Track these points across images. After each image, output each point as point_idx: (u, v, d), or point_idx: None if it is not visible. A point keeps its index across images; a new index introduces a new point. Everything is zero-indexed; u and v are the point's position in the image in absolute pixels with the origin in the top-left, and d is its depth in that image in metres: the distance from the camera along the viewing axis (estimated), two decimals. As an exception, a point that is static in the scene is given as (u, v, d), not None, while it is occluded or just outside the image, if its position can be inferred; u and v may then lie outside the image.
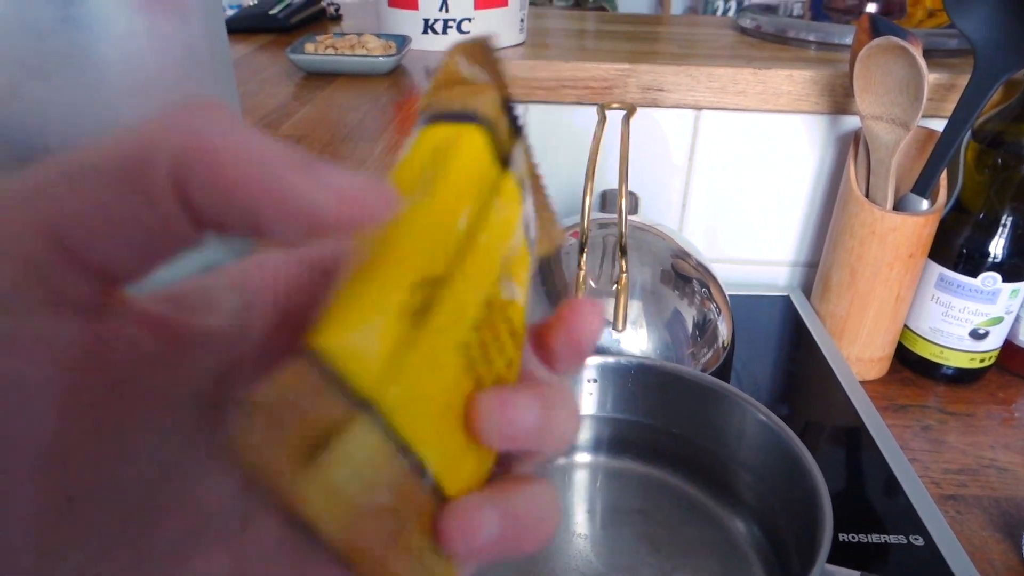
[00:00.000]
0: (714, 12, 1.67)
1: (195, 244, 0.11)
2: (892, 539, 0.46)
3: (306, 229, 0.11)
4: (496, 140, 0.14)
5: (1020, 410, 0.61)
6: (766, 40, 0.73)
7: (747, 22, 0.76)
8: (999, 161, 0.55)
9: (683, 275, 0.53)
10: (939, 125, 0.56)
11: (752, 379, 0.61)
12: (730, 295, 0.56)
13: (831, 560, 0.34)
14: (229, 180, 0.10)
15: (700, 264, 0.55)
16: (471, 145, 0.14)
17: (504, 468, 0.15)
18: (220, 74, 0.26)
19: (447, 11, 0.63)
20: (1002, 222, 0.57)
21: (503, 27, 0.66)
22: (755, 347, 0.64)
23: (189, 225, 0.11)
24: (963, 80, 0.55)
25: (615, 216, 0.50)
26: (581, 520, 0.43)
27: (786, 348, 0.65)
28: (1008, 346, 0.62)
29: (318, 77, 0.58)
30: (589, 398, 0.45)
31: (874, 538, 0.46)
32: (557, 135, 0.66)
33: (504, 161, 0.14)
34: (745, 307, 0.68)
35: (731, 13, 0.83)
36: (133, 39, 0.22)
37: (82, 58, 0.22)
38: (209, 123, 0.11)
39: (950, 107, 0.55)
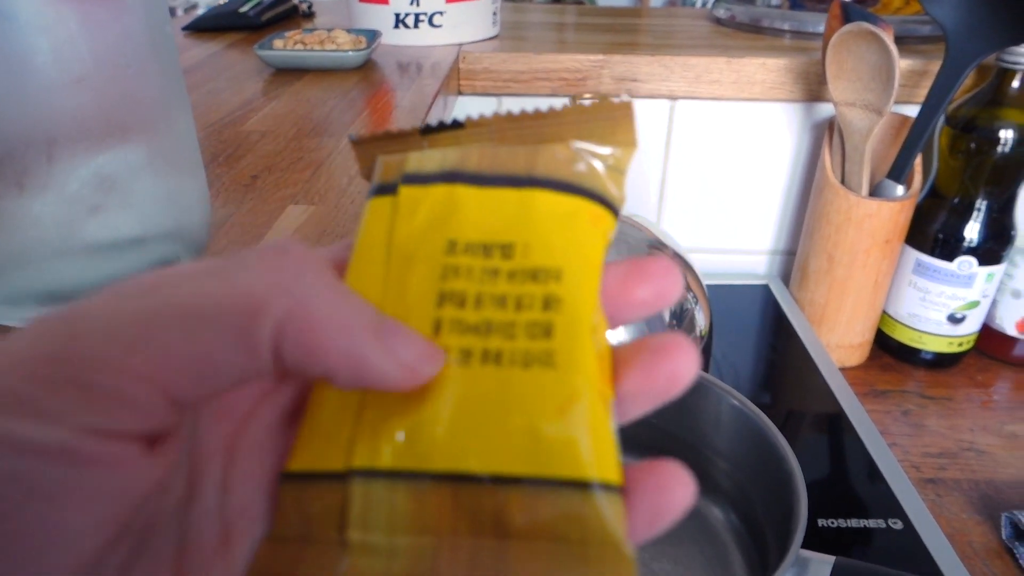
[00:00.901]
0: (692, 5, 1.67)
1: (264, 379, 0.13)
2: (872, 523, 0.46)
3: (366, 387, 0.13)
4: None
5: (998, 393, 0.61)
6: (741, 30, 0.73)
7: (722, 12, 0.76)
8: (973, 146, 0.56)
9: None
10: (913, 111, 0.57)
11: (732, 368, 0.61)
12: (708, 284, 0.56)
13: (811, 545, 0.34)
14: (320, 347, 0.12)
15: (677, 254, 0.55)
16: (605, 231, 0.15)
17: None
18: (163, 64, 0.25)
19: (418, 5, 0.63)
20: (977, 206, 0.57)
21: (474, 21, 0.66)
22: (735, 336, 0.64)
23: (272, 371, 0.12)
24: (935, 66, 0.55)
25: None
26: (560, 513, 0.43)
27: (766, 337, 0.65)
28: (986, 330, 0.63)
29: (287, 73, 0.57)
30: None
31: (854, 523, 0.46)
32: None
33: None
34: (724, 297, 0.68)
35: (709, 5, 0.83)
36: (63, 28, 0.21)
37: (9, 49, 0.21)
38: (312, 290, 0.12)
39: (923, 93, 0.55)
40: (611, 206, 0.15)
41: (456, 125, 0.16)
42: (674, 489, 0.13)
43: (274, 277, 0.12)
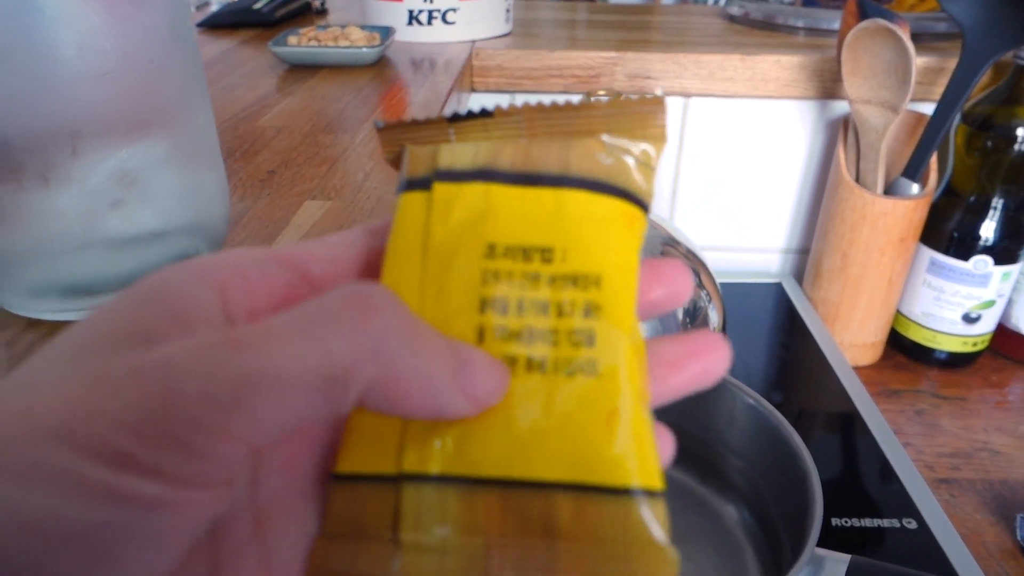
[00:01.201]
0: (704, 2, 1.66)
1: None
2: (886, 523, 0.45)
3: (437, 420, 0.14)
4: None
5: (1013, 393, 0.60)
6: (755, 27, 0.73)
7: (735, 9, 0.75)
8: (989, 144, 0.55)
9: (673, 263, 0.53)
10: (929, 109, 0.56)
11: (745, 367, 0.61)
12: (722, 283, 0.56)
13: (824, 545, 0.34)
14: (402, 403, 0.13)
15: (690, 251, 0.55)
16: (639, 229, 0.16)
17: None
18: (184, 59, 0.26)
19: (432, 2, 0.63)
20: (993, 205, 0.57)
21: (488, 18, 0.66)
22: (748, 335, 0.64)
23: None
24: (952, 63, 0.55)
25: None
26: (572, 509, 0.43)
27: (779, 335, 0.65)
28: (1000, 330, 0.62)
29: (301, 70, 0.57)
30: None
31: (868, 522, 0.45)
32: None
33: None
34: (737, 295, 0.68)
35: (722, 3, 0.83)
36: (88, 21, 0.21)
37: (36, 41, 0.21)
38: (398, 353, 0.12)
39: (939, 90, 0.55)
40: (643, 204, 0.16)
41: (484, 114, 0.16)
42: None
43: (363, 342, 0.12)
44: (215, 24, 0.71)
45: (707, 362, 0.15)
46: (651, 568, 0.13)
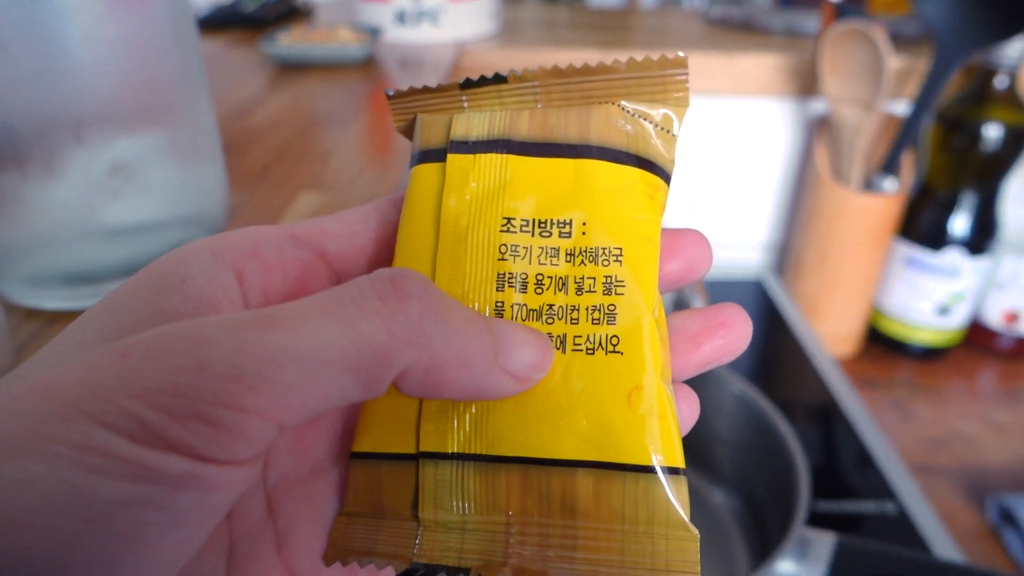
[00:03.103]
0: (679, 3, 1.68)
1: None
2: (866, 508, 0.47)
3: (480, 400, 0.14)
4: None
5: (985, 383, 0.63)
6: (734, 29, 0.75)
7: (716, 12, 0.77)
8: (960, 142, 0.57)
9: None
10: (904, 107, 0.58)
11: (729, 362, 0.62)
12: (705, 281, 0.57)
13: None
14: (441, 387, 0.13)
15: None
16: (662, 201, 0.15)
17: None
18: (185, 50, 0.26)
19: (420, 2, 0.63)
20: (965, 201, 0.59)
21: (476, 18, 0.66)
22: (731, 329, 0.65)
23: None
24: (926, 64, 0.57)
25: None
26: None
27: (760, 329, 0.67)
28: (972, 322, 0.64)
29: (291, 70, 0.57)
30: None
31: (849, 507, 0.47)
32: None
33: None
34: (719, 292, 0.69)
35: (696, 3, 0.85)
36: (92, 10, 0.22)
37: (41, 30, 0.21)
38: (434, 338, 0.12)
39: (913, 90, 0.57)
40: (665, 173, 0.15)
41: (498, 79, 0.15)
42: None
43: (397, 328, 0.12)
44: (204, 25, 0.71)
45: (730, 336, 0.15)
46: (674, 546, 0.13)
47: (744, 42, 0.69)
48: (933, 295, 0.61)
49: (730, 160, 0.70)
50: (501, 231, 0.15)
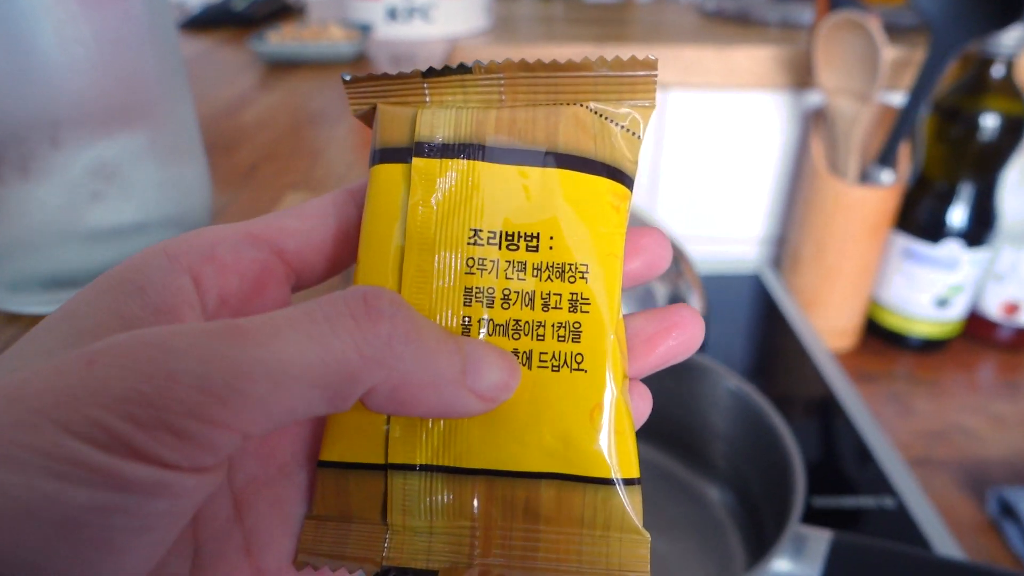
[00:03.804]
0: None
1: None
2: (864, 502, 0.47)
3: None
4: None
5: (984, 375, 0.62)
6: (729, 22, 0.74)
7: (711, 5, 0.77)
8: (957, 132, 0.57)
9: (653, 253, 0.54)
10: (900, 99, 0.58)
11: (725, 357, 0.62)
12: (702, 275, 0.57)
13: (805, 524, 0.35)
14: (408, 407, 0.13)
15: (671, 243, 0.56)
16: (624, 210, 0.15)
17: None
18: (163, 49, 0.26)
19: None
20: (962, 192, 0.58)
21: (467, 13, 0.66)
22: (728, 325, 0.65)
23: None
24: (922, 54, 0.56)
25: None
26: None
27: (757, 323, 0.66)
28: (971, 314, 0.64)
29: (281, 68, 0.57)
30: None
31: (847, 502, 0.47)
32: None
33: None
34: (717, 287, 0.69)
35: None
36: (65, 8, 0.21)
37: (12, 29, 0.21)
38: (404, 359, 0.12)
39: (909, 81, 0.56)
40: (629, 180, 0.15)
41: (463, 69, 0.15)
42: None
43: (367, 348, 0.12)
44: (193, 24, 0.70)
45: (683, 336, 0.15)
46: (627, 548, 0.14)
47: (739, 35, 0.68)
48: (932, 287, 0.61)
49: (726, 154, 0.70)
50: (469, 243, 0.15)
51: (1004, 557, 0.45)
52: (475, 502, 0.14)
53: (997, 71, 0.55)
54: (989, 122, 0.55)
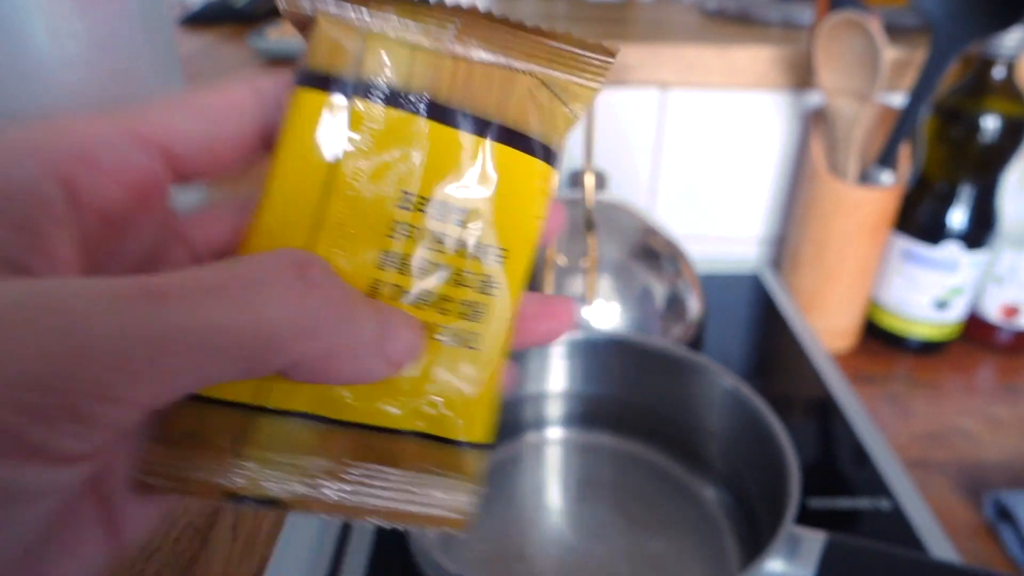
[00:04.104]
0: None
1: None
2: (860, 504, 0.46)
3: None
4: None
5: (983, 378, 0.62)
6: (730, 21, 0.74)
7: (712, 4, 0.77)
8: (958, 134, 0.57)
9: (653, 251, 0.54)
10: (901, 99, 0.57)
11: (724, 357, 0.62)
12: (701, 275, 0.57)
13: (801, 525, 0.35)
14: (327, 376, 0.12)
15: (670, 241, 0.56)
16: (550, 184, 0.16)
17: None
18: (158, 45, 0.25)
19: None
20: (962, 193, 0.58)
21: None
22: (726, 325, 0.65)
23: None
24: (923, 55, 0.56)
25: (582, 194, 0.50)
26: (554, 495, 0.44)
27: (756, 323, 0.66)
28: (970, 316, 0.64)
29: (281, 64, 0.57)
30: (560, 373, 0.45)
31: (843, 503, 0.46)
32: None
33: None
34: (716, 286, 0.69)
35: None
36: (59, 5, 0.21)
37: (6, 25, 0.21)
38: (330, 327, 0.12)
39: (910, 81, 0.56)
40: (558, 160, 0.15)
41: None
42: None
43: (296, 316, 0.11)
44: (193, 21, 0.70)
45: (555, 323, 0.17)
46: (459, 486, 0.15)
47: (740, 34, 0.68)
48: (931, 289, 0.61)
49: (725, 154, 0.70)
50: (398, 206, 0.14)
51: (1000, 561, 0.44)
52: (340, 447, 0.14)
53: (998, 72, 0.55)
54: (990, 124, 0.55)
